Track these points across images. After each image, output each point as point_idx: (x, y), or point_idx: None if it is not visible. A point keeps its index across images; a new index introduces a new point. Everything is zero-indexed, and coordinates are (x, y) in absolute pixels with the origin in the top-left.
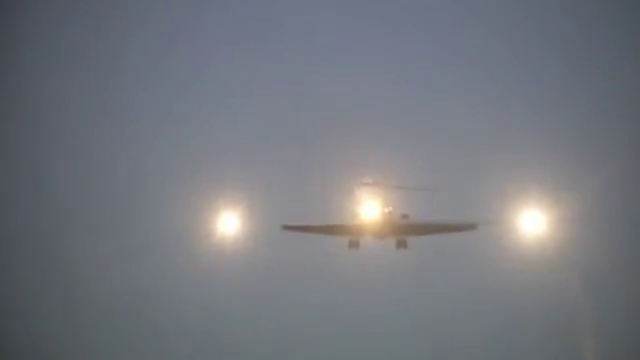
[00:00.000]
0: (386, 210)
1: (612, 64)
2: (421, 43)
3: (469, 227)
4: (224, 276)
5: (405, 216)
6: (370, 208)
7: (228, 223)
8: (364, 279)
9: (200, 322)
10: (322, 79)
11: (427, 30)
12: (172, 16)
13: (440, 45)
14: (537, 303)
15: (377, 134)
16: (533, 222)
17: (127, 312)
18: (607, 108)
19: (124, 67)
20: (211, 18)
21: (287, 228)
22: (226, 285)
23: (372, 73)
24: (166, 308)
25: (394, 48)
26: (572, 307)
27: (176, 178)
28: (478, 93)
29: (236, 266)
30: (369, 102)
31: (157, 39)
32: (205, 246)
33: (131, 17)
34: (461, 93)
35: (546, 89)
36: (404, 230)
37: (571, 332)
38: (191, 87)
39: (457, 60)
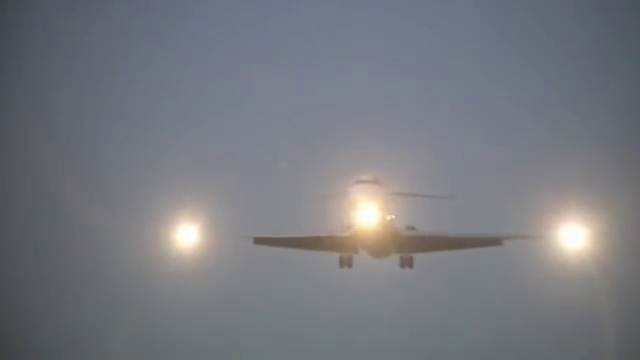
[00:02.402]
0: (388, 218)
1: None
2: (432, 42)
3: (493, 242)
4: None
5: (411, 228)
6: (367, 214)
7: (183, 239)
8: (360, 317)
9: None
10: (313, 70)
11: (441, 29)
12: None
13: (454, 43)
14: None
15: (378, 130)
16: (571, 238)
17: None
18: None
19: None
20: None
21: (259, 242)
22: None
23: (370, 66)
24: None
25: (396, 44)
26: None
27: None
28: (503, 90)
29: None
30: (368, 95)
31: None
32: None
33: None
34: (483, 89)
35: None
36: (410, 245)
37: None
38: (160, 88)
39: (480, 56)
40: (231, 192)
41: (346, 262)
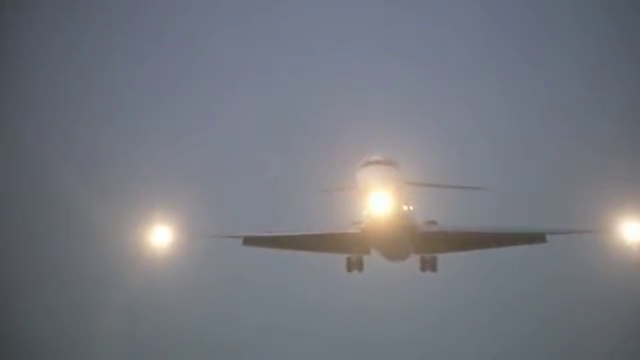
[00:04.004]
0: (405, 208)
1: None
2: (453, 20)
3: (534, 239)
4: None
5: (432, 223)
6: (380, 203)
7: (155, 239)
8: (373, 330)
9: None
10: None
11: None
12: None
13: (477, 20)
14: None
15: (391, 114)
16: (631, 233)
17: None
18: None
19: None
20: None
21: (250, 242)
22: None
23: (378, 45)
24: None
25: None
26: None
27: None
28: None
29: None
30: (377, 77)
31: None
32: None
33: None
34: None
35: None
36: (433, 242)
37: None
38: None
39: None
40: (218, 188)
41: (355, 264)
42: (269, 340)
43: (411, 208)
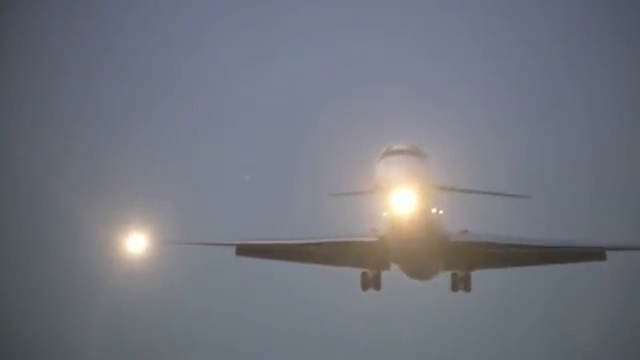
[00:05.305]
0: (433, 211)
1: None
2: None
3: (591, 255)
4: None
5: (465, 232)
6: (403, 202)
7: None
8: None
9: None
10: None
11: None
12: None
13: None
14: None
15: (416, 105)
16: None
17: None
18: None
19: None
20: None
21: (244, 251)
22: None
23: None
24: None
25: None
26: None
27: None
28: None
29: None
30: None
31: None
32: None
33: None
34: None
35: None
36: (468, 256)
37: None
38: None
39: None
40: (212, 192)
41: (372, 281)
42: None
43: (441, 212)
